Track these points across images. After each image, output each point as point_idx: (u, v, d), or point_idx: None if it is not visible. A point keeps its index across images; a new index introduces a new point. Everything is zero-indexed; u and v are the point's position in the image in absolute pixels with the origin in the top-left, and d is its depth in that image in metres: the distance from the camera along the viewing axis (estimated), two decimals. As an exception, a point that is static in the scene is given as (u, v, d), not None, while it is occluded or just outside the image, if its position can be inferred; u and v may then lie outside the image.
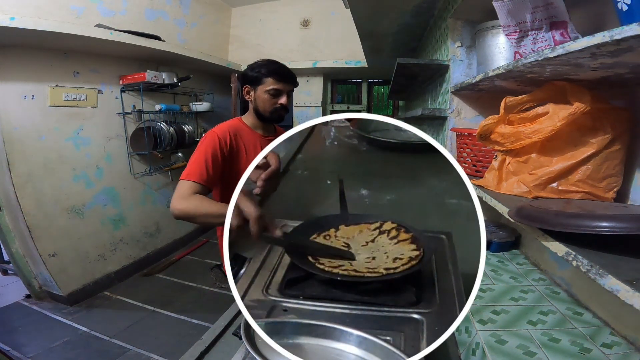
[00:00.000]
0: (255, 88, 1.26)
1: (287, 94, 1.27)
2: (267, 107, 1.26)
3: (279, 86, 1.24)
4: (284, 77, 1.25)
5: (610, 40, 0.45)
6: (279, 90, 1.24)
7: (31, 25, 1.91)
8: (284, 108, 1.28)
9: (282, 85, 1.24)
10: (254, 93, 1.27)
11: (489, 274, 1.01)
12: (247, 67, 1.29)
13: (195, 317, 2.39)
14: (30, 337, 2.13)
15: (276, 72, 1.24)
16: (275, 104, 1.26)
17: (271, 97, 1.24)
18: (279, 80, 1.24)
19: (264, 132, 1.33)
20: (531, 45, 0.81)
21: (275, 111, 1.27)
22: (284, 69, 1.26)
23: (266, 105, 1.25)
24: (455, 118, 1.41)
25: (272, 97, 1.24)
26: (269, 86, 1.23)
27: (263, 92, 1.24)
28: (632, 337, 0.70)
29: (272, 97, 1.24)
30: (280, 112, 1.28)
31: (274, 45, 3.98)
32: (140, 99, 2.93)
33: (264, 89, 1.24)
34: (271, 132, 1.37)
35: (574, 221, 0.52)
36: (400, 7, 1.73)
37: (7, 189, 2.28)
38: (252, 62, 1.29)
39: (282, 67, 1.26)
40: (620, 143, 0.72)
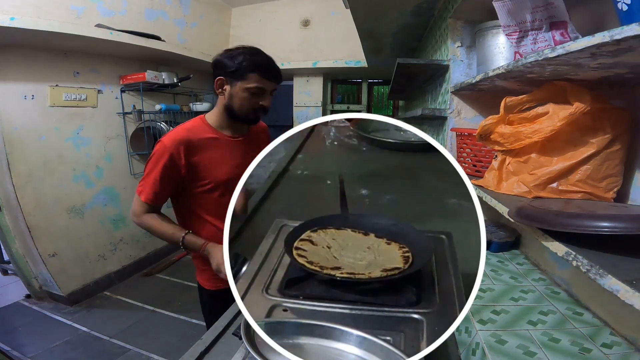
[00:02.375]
0: (233, 83, 1.03)
1: (270, 94, 1.07)
2: (245, 106, 1.04)
3: (263, 84, 1.02)
4: (270, 73, 1.03)
5: (610, 40, 0.45)
6: (262, 90, 1.03)
7: (31, 25, 1.92)
8: (264, 110, 1.07)
9: (266, 83, 1.03)
10: (231, 88, 1.03)
11: (489, 274, 1.01)
12: (224, 54, 1.04)
13: (195, 317, 2.39)
14: (30, 337, 2.13)
15: (262, 67, 1.02)
16: (255, 105, 1.05)
17: (251, 97, 1.03)
18: (264, 77, 1.02)
19: (233, 132, 1.13)
20: (531, 45, 0.81)
21: (253, 112, 1.06)
22: (271, 63, 1.05)
23: (244, 104, 1.04)
24: (455, 118, 1.41)
25: (252, 97, 1.03)
26: (251, 83, 1.01)
27: (243, 90, 1.02)
28: (632, 337, 0.70)
29: (253, 96, 1.03)
30: (259, 113, 1.08)
31: (274, 45, 3.97)
32: (140, 99, 2.93)
33: (245, 85, 1.01)
34: (242, 131, 1.16)
35: (574, 221, 0.52)
36: (400, 7, 1.73)
37: (7, 189, 2.28)
38: (230, 47, 1.05)
39: (269, 61, 1.04)
40: (620, 143, 0.72)
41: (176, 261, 3.34)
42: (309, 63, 3.77)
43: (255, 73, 1.01)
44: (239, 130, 1.15)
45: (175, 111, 3.33)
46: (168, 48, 2.87)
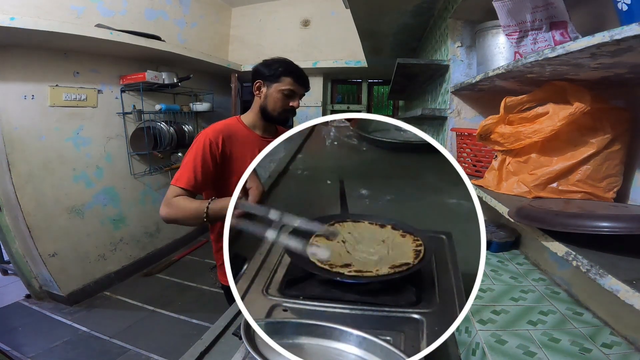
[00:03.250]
0: (269, 85, 1.19)
1: (299, 97, 1.23)
2: (278, 107, 1.19)
3: (295, 88, 1.19)
4: (301, 79, 1.21)
5: (610, 40, 0.45)
6: (293, 92, 1.19)
7: (31, 25, 1.91)
8: (293, 111, 1.23)
9: (298, 87, 1.20)
10: (266, 90, 1.20)
11: (489, 274, 1.01)
12: (262, 62, 1.22)
13: (195, 317, 2.40)
14: (30, 337, 2.13)
15: (295, 72, 1.19)
16: (286, 106, 1.20)
17: (284, 98, 1.19)
18: (296, 81, 1.19)
19: (263, 132, 1.27)
20: (531, 45, 0.81)
21: (284, 112, 1.21)
22: (302, 71, 1.22)
23: (277, 104, 1.19)
24: (455, 118, 1.41)
25: (285, 98, 1.19)
26: (285, 86, 1.17)
27: (277, 91, 1.18)
28: (632, 337, 0.70)
29: (286, 97, 1.19)
30: (289, 114, 1.23)
31: (274, 45, 3.98)
32: (140, 99, 2.93)
33: (280, 87, 1.17)
34: (271, 133, 1.30)
35: (574, 221, 0.52)
36: (400, 7, 1.73)
37: (7, 189, 2.28)
38: (267, 59, 1.23)
39: (301, 70, 1.22)
40: (620, 143, 0.72)
41: (176, 261, 3.34)
42: (309, 63, 3.77)
43: (289, 77, 1.17)
44: (268, 131, 1.28)
45: (175, 111, 3.33)
46: (168, 48, 2.87)
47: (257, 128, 1.26)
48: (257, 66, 1.22)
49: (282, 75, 1.17)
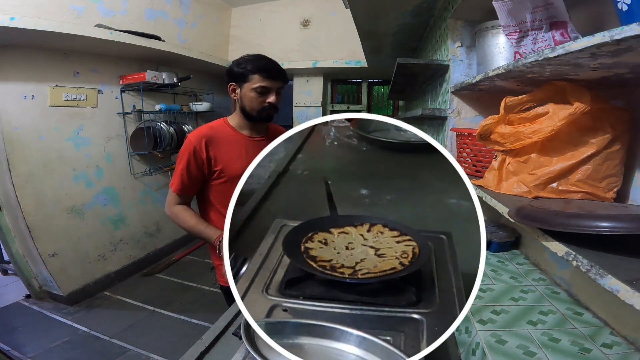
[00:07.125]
0: (241, 85, 1.18)
1: (276, 92, 1.18)
2: (255, 106, 1.17)
3: (266, 83, 1.15)
4: (271, 73, 1.16)
5: (610, 40, 0.45)
6: (266, 88, 1.15)
7: (31, 25, 1.92)
8: (273, 107, 1.19)
9: (270, 82, 1.16)
10: (240, 91, 1.18)
11: (489, 274, 1.01)
12: (233, 63, 1.19)
13: (195, 317, 2.40)
14: (30, 337, 2.13)
15: (263, 68, 1.15)
16: (263, 103, 1.17)
17: (258, 96, 1.16)
18: (266, 77, 1.15)
19: (251, 132, 1.26)
20: (531, 45, 0.81)
21: (263, 110, 1.18)
22: (272, 64, 1.18)
23: (253, 104, 1.17)
24: (455, 118, 1.41)
25: (259, 96, 1.16)
26: (255, 84, 1.14)
27: (249, 90, 1.15)
28: (632, 337, 0.70)
29: (260, 95, 1.16)
30: (269, 111, 1.20)
31: (274, 45, 3.97)
32: (140, 99, 2.93)
33: (251, 86, 1.15)
34: (261, 132, 1.29)
35: (574, 221, 0.52)
36: (400, 7, 1.73)
37: (7, 189, 2.28)
38: (238, 57, 1.20)
39: (270, 63, 1.18)
40: (620, 143, 0.72)
41: (176, 261, 3.34)
42: (309, 63, 3.77)
43: (257, 74, 1.15)
44: (257, 131, 1.28)
45: (175, 111, 3.33)
46: (168, 48, 2.87)
47: (244, 128, 1.25)
48: (228, 67, 1.20)
49: (251, 74, 1.14)
